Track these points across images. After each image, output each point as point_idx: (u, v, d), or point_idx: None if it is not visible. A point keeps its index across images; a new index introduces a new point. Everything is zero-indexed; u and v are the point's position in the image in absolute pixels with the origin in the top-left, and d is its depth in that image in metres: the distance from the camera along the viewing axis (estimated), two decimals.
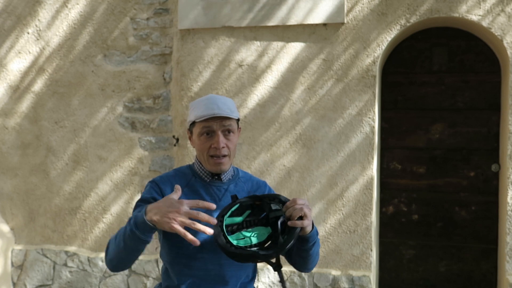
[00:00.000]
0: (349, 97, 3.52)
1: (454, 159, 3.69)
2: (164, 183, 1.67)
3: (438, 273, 3.74)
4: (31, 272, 4.10)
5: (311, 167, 3.58)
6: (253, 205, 1.54)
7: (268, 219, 1.52)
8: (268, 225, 1.52)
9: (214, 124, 1.62)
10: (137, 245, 1.46)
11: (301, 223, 1.46)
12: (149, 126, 3.96)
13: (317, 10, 3.51)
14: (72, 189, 4.07)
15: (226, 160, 1.65)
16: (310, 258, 1.66)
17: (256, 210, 1.54)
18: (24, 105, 4.15)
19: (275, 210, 1.50)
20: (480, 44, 3.61)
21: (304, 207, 1.48)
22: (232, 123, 1.65)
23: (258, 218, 1.53)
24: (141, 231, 1.42)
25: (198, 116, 1.62)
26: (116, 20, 3.97)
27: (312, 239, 1.58)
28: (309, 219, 1.49)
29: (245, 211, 1.54)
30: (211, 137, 1.63)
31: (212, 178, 1.69)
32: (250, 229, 1.51)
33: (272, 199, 1.53)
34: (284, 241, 1.44)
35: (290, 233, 1.45)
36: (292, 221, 1.45)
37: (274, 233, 1.49)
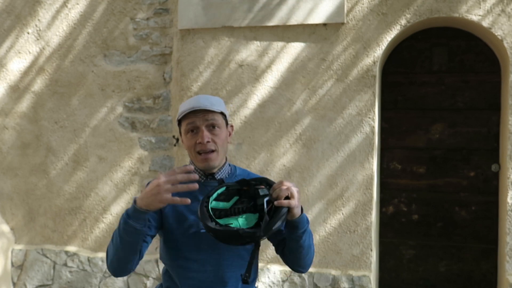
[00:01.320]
0: (349, 97, 3.52)
1: (454, 159, 3.69)
2: None
3: (438, 273, 3.75)
4: (31, 272, 4.10)
5: (311, 167, 3.58)
6: (240, 190, 1.52)
7: (256, 205, 1.49)
8: (257, 212, 1.49)
9: (197, 120, 1.62)
10: (133, 237, 1.47)
11: (287, 203, 1.44)
12: (149, 126, 3.96)
13: (317, 10, 3.51)
14: (72, 189, 4.07)
15: (214, 156, 1.63)
16: (303, 251, 1.62)
17: (244, 196, 1.52)
18: (24, 105, 4.15)
19: (262, 196, 1.48)
20: (480, 44, 3.61)
21: (291, 188, 1.47)
22: (216, 117, 1.64)
23: (247, 206, 1.50)
24: (134, 220, 1.45)
25: (180, 112, 1.64)
26: (116, 20, 3.97)
27: (301, 225, 1.55)
28: (296, 199, 1.47)
29: (233, 197, 1.51)
30: (196, 134, 1.63)
31: (206, 178, 1.68)
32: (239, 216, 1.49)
33: (260, 183, 1.51)
34: (270, 220, 1.42)
35: (277, 212, 1.44)
36: (278, 201, 1.44)
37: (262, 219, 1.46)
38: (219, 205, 1.48)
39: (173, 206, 1.63)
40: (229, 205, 1.50)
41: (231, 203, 1.51)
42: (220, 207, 1.48)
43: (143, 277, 3.88)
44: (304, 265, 1.68)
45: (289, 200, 1.46)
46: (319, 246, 3.58)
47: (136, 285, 3.91)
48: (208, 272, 1.61)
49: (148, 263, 3.87)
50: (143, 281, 3.89)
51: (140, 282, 3.89)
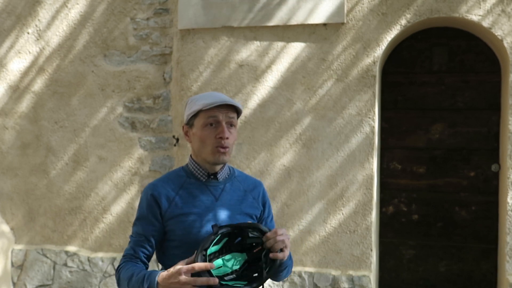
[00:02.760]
0: (349, 97, 3.52)
1: (454, 159, 3.69)
2: (158, 191, 1.65)
3: (438, 273, 3.74)
4: (31, 272, 4.10)
5: (311, 167, 3.58)
6: (231, 233, 1.54)
7: (243, 245, 1.53)
8: (244, 251, 1.53)
9: (220, 115, 1.61)
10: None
11: (282, 256, 1.47)
12: (149, 126, 3.96)
13: (317, 10, 3.51)
14: (72, 189, 4.07)
15: (229, 152, 1.64)
16: (280, 277, 1.68)
17: (233, 236, 1.54)
18: (24, 105, 4.15)
19: (252, 237, 1.52)
20: (480, 44, 3.61)
21: (285, 239, 1.49)
22: (235, 117, 1.66)
23: (233, 244, 1.53)
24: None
25: (205, 104, 1.58)
26: (116, 20, 3.97)
27: (284, 265, 1.60)
28: (288, 249, 1.51)
29: (223, 239, 1.53)
30: (215, 128, 1.61)
31: (208, 178, 1.68)
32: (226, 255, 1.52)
33: (252, 228, 1.53)
34: (267, 273, 1.47)
35: (271, 264, 1.47)
36: (274, 254, 1.47)
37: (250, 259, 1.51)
38: (212, 250, 1.51)
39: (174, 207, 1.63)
40: (219, 248, 1.52)
41: (221, 244, 1.53)
42: (212, 251, 1.50)
43: None
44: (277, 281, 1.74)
45: (283, 252, 1.49)
46: (319, 246, 3.58)
47: None
48: None
49: None
50: None
51: None
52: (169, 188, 1.66)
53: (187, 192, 1.66)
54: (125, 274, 1.60)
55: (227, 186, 1.70)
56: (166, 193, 1.64)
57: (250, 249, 1.52)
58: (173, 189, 1.66)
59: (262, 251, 1.49)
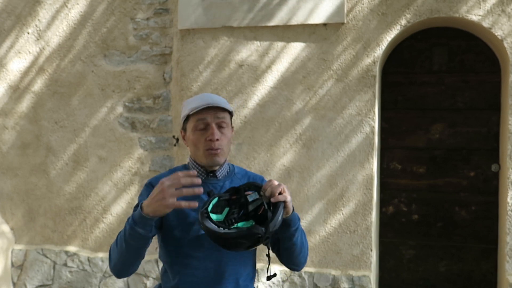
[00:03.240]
0: (349, 97, 3.52)
1: (454, 159, 3.69)
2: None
3: (438, 273, 3.75)
4: (31, 272, 4.10)
5: (311, 167, 3.58)
6: (229, 201, 1.53)
7: (248, 213, 1.51)
8: (249, 219, 1.51)
9: (208, 116, 1.62)
10: (139, 242, 1.49)
11: (284, 197, 1.46)
12: (149, 126, 3.96)
13: (317, 10, 3.51)
14: (72, 189, 4.07)
15: (222, 153, 1.65)
16: (296, 249, 1.64)
17: (234, 206, 1.53)
18: (24, 105, 4.15)
19: (252, 202, 1.50)
20: (480, 44, 3.61)
21: (281, 184, 1.49)
22: (226, 116, 1.66)
23: (238, 216, 1.51)
24: (140, 226, 1.45)
25: (192, 108, 1.63)
26: (116, 20, 3.97)
27: (294, 223, 1.58)
28: (288, 194, 1.50)
29: (224, 209, 1.52)
30: (205, 131, 1.63)
31: (207, 176, 1.69)
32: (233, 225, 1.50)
33: (248, 188, 1.53)
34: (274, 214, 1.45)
35: (275, 209, 1.46)
36: (275, 197, 1.46)
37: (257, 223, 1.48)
38: (214, 218, 1.49)
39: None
40: (222, 218, 1.51)
41: (224, 215, 1.52)
42: (215, 220, 1.49)
43: (143, 277, 3.89)
44: (298, 263, 1.71)
45: (285, 194, 1.48)
46: (319, 246, 3.58)
47: (136, 285, 3.91)
48: (209, 269, 1.61)
49: (148, 263, 3.87)
50: (143, 281, 3.89)
51: (140, 282, 3.89)
52: None
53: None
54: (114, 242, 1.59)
55: (226, 183, 1.70)
56: None
57: (255, 215, 1.50)
58: None
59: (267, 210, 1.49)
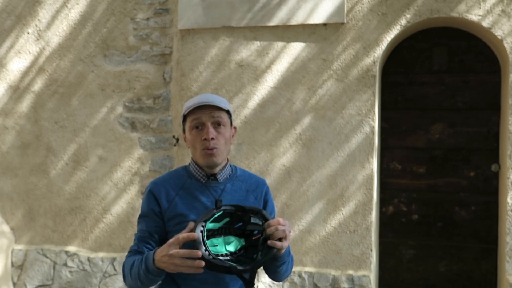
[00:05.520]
0: (349, 97, 3.52)
1: (454, 159, 3.69)
2: (158, 190, 1.67)
3: (438, 273, 3.75)
4: (31, 272, 4.10)
5: (311, 167, 3.58)
6: (233, 213, 1.52)
7: (243, 230, 1.51)
8: (243, 237, 1.51)
9: (203, 116, 1.62)
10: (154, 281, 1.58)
11: (280, 245, 1.45)
12: (149, 126, 3.96)
13: (317, 10, 3.51)
14: (72, 189, 4.07)
15: (218, 152, 1.63)
16: (278, 274, 1.67)
17: (234, 218, 1.52)
18: (24, 105, 4.15)
19: (253, 224, 1.49)
20: (480, 44, 3.61)
21: (286, 229, 1.47)
22: (222, 115, 1.65)
23: (233, 228, 1.52)
24: (154, 275, 1.53)
25: (187, 107, 1.64)
26: (116, 20, 3.97)
27: (282, 259, 1.58)
28: (287, 241, 1.48)
29: (224, 218, 1.52)
30: (201, 130, 1.63)
31: (208, 179, 1.68)
32: (224, 237, 1.50)
33: (255, 213, 1.51)
34: (261, 259, 1.44)
35: (267, 251, 1.45)
36: (272, 241, 1.44)
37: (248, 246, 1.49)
38: (210, 226, 1.49)
39: (174, 208, 1.64)
40: (218, 226, 1.50)
41: (221, 223, 1.51)
42: (210, 228, 1.49)
43: None
44: (278, 280, 1.72)
45: (282, 242, 1.46)
46: (319, 246, 3.58)
47: None
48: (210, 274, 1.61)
49: None
50: None
51: None
52: (170, 188, 1.67)
53: (187, 193, 1.66)
54: (127, 265, 1.63)
55: (227, 186, 1.69)
56: (166, 193, 1.66)
57: (249, 236, 1.50)
58: (173, 188, 1.67)
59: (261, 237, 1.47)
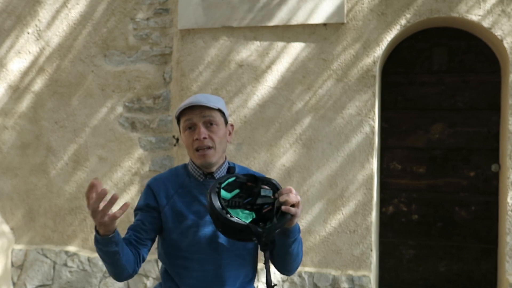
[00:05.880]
0: (349, 97, 3.52)
1: (454, 159, 3.69)
2: (158, 186, 1.68)
3: (438, 273, 3.75)
4: (31, 272, 4.10)
5: (311, 167, 3.58)
6: (243, 184, 1.51)
7: (253, 204, 1.48)
8: (253, 210, 1.49)
9: (194, 116, 1.63)
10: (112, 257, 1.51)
11: (294, 211, 1.44)
12: (149, 126, 3.96)
13: (317, 10, 3.51)
14: (72, 189, 4.07)
15: (211, 152, 1.63)
16: (290, 258, 1.62)
17: (245, 191, 1.51)
18: (24, 105, 4.15)
19: (263, 197, 1.48)
20: (480, 44, 3.61)
21: (298, 197, 1.47)
22: (213, 114, 1.64)
23: (243, 202, 1.49)
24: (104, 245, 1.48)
25: (178, 109, 1.66)
26: (116, 20, 3.97)
27: (293, 234, 1.55)
28: (300, 209, 1.47)
29: (235, 189, 1.50)
30: (193, 131, 1.64)
31: (205, 178, 1.68)
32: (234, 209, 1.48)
33: (266, 183, 1.51)
34: (277, 223, 1.43)
35: (282, 218, 1.44)
36: (287, 207, 1.43)
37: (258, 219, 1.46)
38: (222, 194, 1.47)
39: (172, 206, 1.64)
40: (229, 196, 1.49)
41: (232, 194, 1.50)
42: (223, 196, 1.47)
43: (143, 277, 3.89)
44: (290, 269, 1.68)
45: (296, 208, 1.45)
46: (319, 246, 3.58)
47: (136, 285, 3.91)
48: (208, 272, 1.61)
49: (148, 263, 3.87)
50: (143, 281, 3.89)
51: (140, 282, 3.89)
52: (169, 185, 1.68)
53: (186, 191, 1.67)
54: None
55: None
56: (166, 190, 1.67)
57: (259, 209, 1.48)
58: (173, 186, 1.68)
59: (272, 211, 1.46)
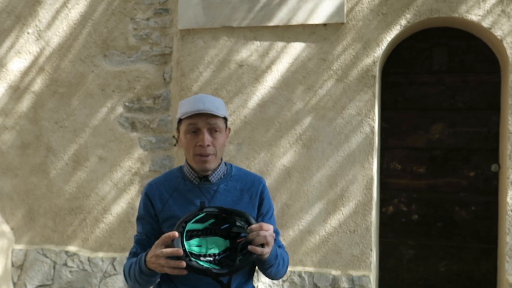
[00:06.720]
0: (349, 97, 3.52)
1: (454, 159, 3.69)
2: (153, 192, 1.68)
3: (438, 273, 3.75)
4: (31, 272, 4.10)
5: (311, 167, 3.58)
6: (218, 215, 1.52)
7: (229, 232, 1.51)
8: (228, 238, 1.51)
9: (199, 122, 1.61)
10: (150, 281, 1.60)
11: (260, 251, 1.44)
12: (149, 126, 3.96)
13: (317, 10, 3.51)
14: (72, 189, 4.07)
15: (212, 159, 1.63)
16: (270, 275, 1.68)
17: (220, 220, 1.52)
18: (24, 105, 4.15)
19: (238, 227, 1.49)
20: (480, 44, 3.61)
21: (267, 235, 1.45)
22: (218, 121, 1.64)
23: (219, 228, 1.52)
24: (148, 276, 1.55)
25: (183, 112, 1.62)
26: (116, 20, 3.97)
27: (268, 263, 1.58)
28: (270, 247, 1.47)
29: (209, 219, 1.52)
30: (196, 135, 1.62)
31: (200, 181, 1.68)
32: (209, 237, 1.50)
33: (240, 216, 1.51)
34: (240, 263, 1.44)
35: (248, 256, 1.45)
36: (252, 247, 1.43)
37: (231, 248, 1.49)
38: (194, 227, 1.49)
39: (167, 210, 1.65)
40: (201, 227, 1.51)
41: (205, 225, 1.52)
42: (194, 228, 1.49)
43: None
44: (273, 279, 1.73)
45: (263, 248, 1.45)
46: (319, 246, 3.58)
47: None
48: None
49: None
50: None
51: None
52: (164, 190, 1.68)
53: (181, 195, 1.67)
54: (126, 267, 1.65)
55: (221, 187, 1.69)
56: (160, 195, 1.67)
57: (234, 238, 1.50)
58: (167, 190, 1.68)
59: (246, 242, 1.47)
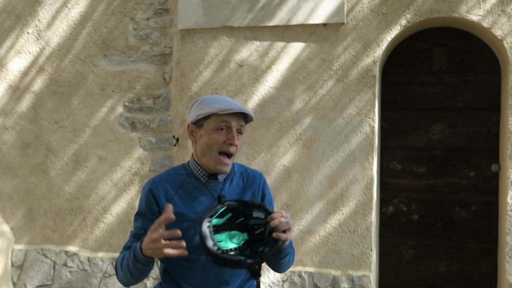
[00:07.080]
0: (349, 97, 3.52)
1: (454, 159, 3.69)
2: (157, 188, 1.67)
3: (438, 273, 3.75)
4: (31, 272, 4.10)
5: (311, 167, 3.58)
6: (235, 208, 1.53)
7: (246, 225, 1.52)
8: (245, 231, 1.52)
9: (233, 121, 1.62)
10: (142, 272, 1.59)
11: (285, 237, 1.46)
12: (149, 126, 3.96)
13: (317, 10, 3.51)
14: (72, 189, 4.07)
15: (231, 161, 1.67)
16: (281, 266, 1.69)
17: (236, 213, 1.53)
18: (24, 105, 4.15)
19: (255, 218, 1.50)
20: (480, 44, 3.61)
21: (289, 221, 1.48)
22: (244, 125, 1.68)
23: (235, 223, 1.52)
24: (142, 264, 1.53)
25: (221, 109, 1.59)
26: (116, 20, 3.97)
27: (285, 251, 1.60)
28: (291, 233, 1.50)
29: (227, 214, 1.52)
30: (225, 133, 1.62)
31: (208, 178, 1.68)
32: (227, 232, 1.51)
33: (257, 207, 1.52)
34: (268, 251, 1.46)
35: (274, 244, 1.46)
36: (277, 234, 1.45)
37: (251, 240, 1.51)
38: (214, 222, 1.50)
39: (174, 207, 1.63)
40: (221, 222, 1.51)
41: (224, 219, 1.52)
42: (214, 224, 1.49)
43: None
44: (280, 270, 1.74)
45: (287, 234, 1.47)
46: (319, 246, 3.58)
47: (136, 285, 3.91)
48: (210, 272, 1.61)
49: None
50: (143, 281, 3.88)
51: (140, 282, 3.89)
52: (169, 187, 1.67)
53: (186, 192, 1.66)
54: (119, 259, 1.64)
55: (226, 185, 1.70)
56: (165, 191, 1.65)
57: (251, 230, 1.51)
58: (172, 187, 1.66)
59: (264, 232, 1.49)
